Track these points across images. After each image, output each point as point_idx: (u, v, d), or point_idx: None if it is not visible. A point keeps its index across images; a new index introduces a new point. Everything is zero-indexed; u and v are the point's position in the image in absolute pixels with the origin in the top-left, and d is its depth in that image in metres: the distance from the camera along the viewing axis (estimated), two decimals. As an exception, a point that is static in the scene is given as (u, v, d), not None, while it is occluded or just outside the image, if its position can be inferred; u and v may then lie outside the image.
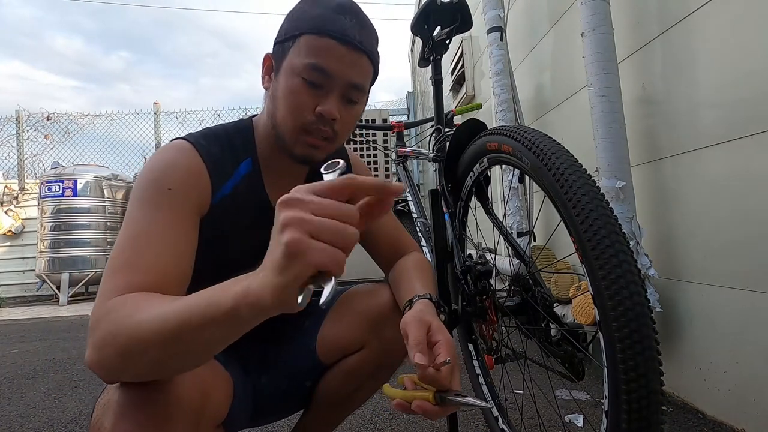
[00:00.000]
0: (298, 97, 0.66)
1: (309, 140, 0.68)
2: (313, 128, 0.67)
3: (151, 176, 0.63)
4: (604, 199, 0.61)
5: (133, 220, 0.60)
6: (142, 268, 0.55)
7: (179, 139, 0.70)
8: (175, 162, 0.65)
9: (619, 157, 1.27)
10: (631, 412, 0.53)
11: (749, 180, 1.02)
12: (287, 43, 0.67)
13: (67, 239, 4.85)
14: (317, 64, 0.64)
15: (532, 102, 2.15)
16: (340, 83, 0.66)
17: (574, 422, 1.21)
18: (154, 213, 0.60)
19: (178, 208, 0.62)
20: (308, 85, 0.65)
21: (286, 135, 0.68)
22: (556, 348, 0.79)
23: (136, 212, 0.60)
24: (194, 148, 0.68)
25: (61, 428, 1.37)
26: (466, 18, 1.14)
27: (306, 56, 0.65)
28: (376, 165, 4.27)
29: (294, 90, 0.66)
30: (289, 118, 0.67)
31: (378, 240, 0.88)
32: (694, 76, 1.16)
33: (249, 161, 0.73)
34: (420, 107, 5.54)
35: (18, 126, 5.83)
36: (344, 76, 0.66)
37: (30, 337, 2.97)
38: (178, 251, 0.59)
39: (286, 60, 0.67)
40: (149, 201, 0.61)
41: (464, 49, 3.01)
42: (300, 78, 0.65)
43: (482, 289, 0.91)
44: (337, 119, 0.67)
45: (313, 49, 0.65)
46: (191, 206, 0.64)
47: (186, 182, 0.64)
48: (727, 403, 1.10)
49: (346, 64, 0.65)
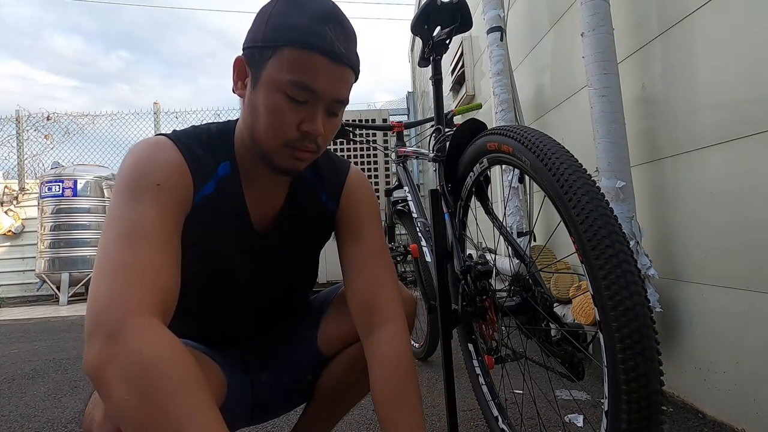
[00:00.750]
0: (281, 114, 0.63)
1: (295, 154, 0.66)
2: (297, 144, 0.65)
3: (135, 172, 0.61)
4: (604, 199, 0.61)
5: (120, 217, 0.57)
6: (137, 268, 0.53)
7: (160, 135, 0.68)
8: (158, 158, 0.63)
9: (619, 157, 1.27)
10: (631, 412, 0.53)
11: (749, 180, 1.02)
12: (266, 52, 0.62)
13: (67, 239, 4.85)
14: (304, 82, 0.61)
15: (532, 102, 2.15)
16: (326, 100, 0.64)
17: (574, 422, 1.21)
18: (142, 208, 0.58)
19: (167, 204, 0.60)
20: (292, 102, 0.62)
21: (268, 149, 0.66)
22: (556, 348, 0.79)
23: (122, 209, 0.58)
24: (175, 146, 0.66)
25: (61, 428, 1.37)
26: (466, 18, 1.14)
27: (289, 72, 0.61)
28: (376, 165, 4.27)
29: (277, 107, 0.63)
30: (271, 134, 0.64)
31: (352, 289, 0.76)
32: (694, 76, 1.17)
33: (227, 164, 0.70)
34: (420, 107, 5.54)
35: (18, 126, 5.83)
36: (331, 93, 0.64)
37: (30, 337, 2.97)
38: (171, 248, 0.58)
39: (266, 71, 0.62)
40: (138, 197, 0.59)
41: (464, 49, 3.01)
42: (283, 94, 0.62)
43: (482, 289, 0.91)
44: (321, 135, 0.65)
45: (298, 65, 0.61)
46: (178, 203, 0.62)
47: (171, 178, 0.62)
48: (727, 403, 1.10)
49: (333, 80, 0.63)
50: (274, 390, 0.83)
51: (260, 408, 0.83)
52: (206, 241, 0.69)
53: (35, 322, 3.69)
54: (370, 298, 0.75)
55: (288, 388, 0.85)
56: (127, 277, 0.53)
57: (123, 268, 0.53)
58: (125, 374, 0.47)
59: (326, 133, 0.66)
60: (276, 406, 0.87)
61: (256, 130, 0.66)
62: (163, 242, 0.57)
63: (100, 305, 0.51)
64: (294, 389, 0.86)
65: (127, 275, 0.53)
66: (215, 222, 0.69)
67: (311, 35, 0.60)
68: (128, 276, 0.53)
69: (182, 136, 0.68)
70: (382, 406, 0.68)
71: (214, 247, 0.70)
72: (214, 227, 0.69)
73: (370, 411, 1.36)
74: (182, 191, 0.64)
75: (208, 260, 0.70)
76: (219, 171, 0.70)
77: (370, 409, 1.37)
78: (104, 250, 0.55)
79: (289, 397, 0.87)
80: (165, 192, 0.60)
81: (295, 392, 0.86)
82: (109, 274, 0.53)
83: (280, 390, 0.84)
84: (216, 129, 0.73)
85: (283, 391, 0.84)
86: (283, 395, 0.85)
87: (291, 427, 0.94)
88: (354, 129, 1.74)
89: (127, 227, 0.56)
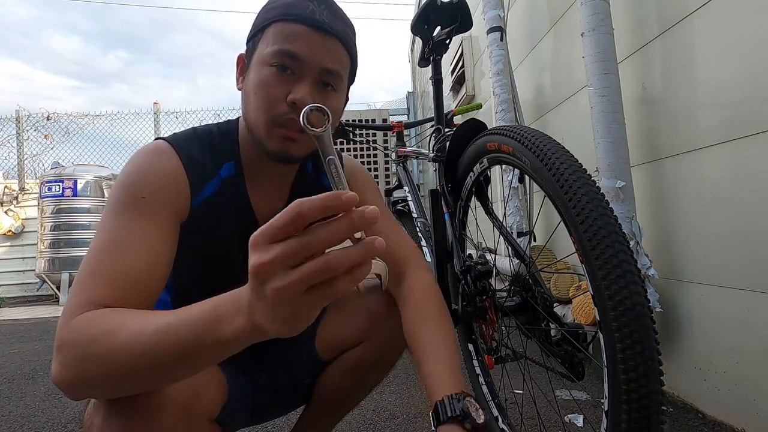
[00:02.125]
0: (268, 88, 0.62)
1: (282, 132, 0.63)
2: (286, 120, 0.62)
3: (125, 183, 0.61)
4: (604, 199, 0.61)
5: (103, 229, 0.58)
6: (107, 279, 0.53)
7: (159, 139, 0.68)
8: (151, 167, 0.63)
9: (619, 157, 1.27)
10: (631, 412, 0.53)
11: (749, 180, 1.02)
12: (256, 37, 0.65)
13: (67, 239, 4.85)
14: (285, 48, 0.61)
15: (532, 102, 2.15)
16: (311, 68, 0.62)
17: (574, 422, 1.21)
18: (124, 222, 0.58)
19: (152, 216, 0.60)
20: (278, 73, 0.62)
21: (259, 131, 0.64)
22: (556, 348, 0.79)
23: (107, 220, 0.59)
24: (173, 150, 0.65)
25: (61, 428, 1.37)
26: (466, 18, 1.14)
27: (273, 43, 0.62)
28: (376, 165, 4.27)
29: (263, 81, 0.62)
30: (260, 111, 0.63)
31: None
32: (694, 76, 1.16)
33: (231, 164, 0.70)
34: (420, 107, 5.54)
35: (18, 126, 5.82)
36: (315, 59, 0.62)
37: (30, 337, 2.96)
38: (149, 260, 0.57)
39: (256, 53, 0.64)
40: (122, 210, 0.59)
41: (464, 49, 3.01)
42: (268, 66, 0.62)
43: (482, 289, 0.91)
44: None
45: (280, 35, 0.62)
46: (167, 213, 0.62)
47: (161, 188, 0.62)
48: (727, 403, 1.10)
49: (315, 46, 0.62)
50: (273, 392, 0.83)
51: (259, 409, 0.83)
52: (208, 242, 0.69)
53: (35, 322, 3.68)
54: (392, 253, 0.77)
55: (286, 391, 0.85)
56: (94, 282, 0.53)
57: (93, 279, 0.53)
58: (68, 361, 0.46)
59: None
60: (275, 407, 0.87)
61: (248, 114, 0.66)
62: (142, 254, 0.56)
63: (66, 321, 0.49)
64: (292, 392, 0.86)
65: (95, 287, 0.52)
66: (218, 223, 0.69)
67: (292, 7, 0.62)
68: (95, 281, 0.53)
69: (182, 139, 0.68)
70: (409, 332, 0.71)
71: (216, 249, 0.70)
72: (217, 229, 0.69)
73: (370, 411, 1.36)
74: (174, 200, 0.63)
75: (210, 262, 0.70)
76: (222, 172, 0.70)
77: (370, 409, 1.37)
78: (83, 261, 0.55)
79: (287, 400, 0.87)
80: (151, 204, 0.60)
81: (294, 395, 0.86)
82: (79, 285, 0.53)
83: (278, 392, 0.84)
84: (218, 129, 0.73)
85: (281, 393, 0.84)
86: (281, 397, 0.85)
87: (291, 428, 0.94)
88: (354, 129, 1.74)
89: (107, 239, 0.57)
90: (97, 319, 0.48)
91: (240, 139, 0.72)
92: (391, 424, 1.27)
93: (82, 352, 0.46)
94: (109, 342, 0.45)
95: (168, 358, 0.44)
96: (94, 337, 0.46)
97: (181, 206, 0.64)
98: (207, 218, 0.67)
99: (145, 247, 0.57)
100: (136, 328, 0.45)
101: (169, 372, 0.47)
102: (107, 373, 0.46)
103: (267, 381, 0.82)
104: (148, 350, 0.44)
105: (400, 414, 1.33)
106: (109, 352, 0.45)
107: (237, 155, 0.71)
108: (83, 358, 0.46)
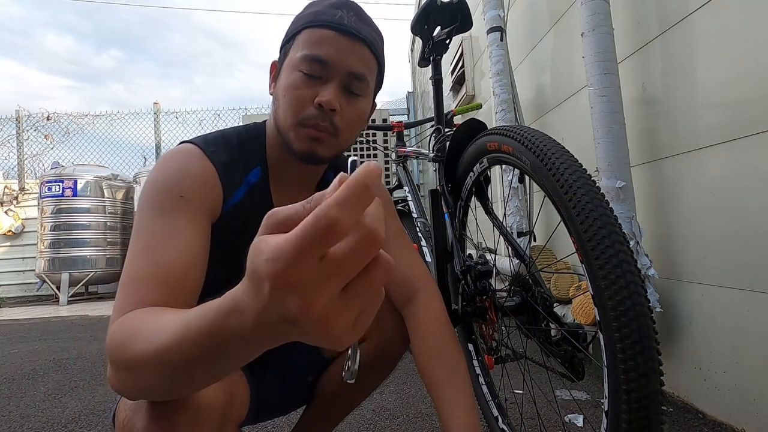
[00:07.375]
0: (296, 90, 0.65)
1: (308, 132, 0.65)
2: (312, 121, 0.64)
3: (161, 183, 0.61)
4: (604, 199, 0.61)
5: (143, 230, 0.58)
6: (154, 279, 0.53)
7: (187, 142, 0.68)
8: (186, 168, 0.63)
9: (619, 157, 1.27)
10: (631, 412, 0.53)
11: (749, 180, 1.02)
12: (288, 44, 0.68)
13: (67, 239, 4.85)
14: (313, 53, 0.63)
15: (532, 102, 2.15)
16: (338, 71, 0.64)
17: (574, 422, 1.21)
18: (166, 221, 0.58)
19: (192, 215, 0.60)
20: (306, 77, 0.64)
21: (287, 131, 0.66)
22: (556, 348, 0.79)
23: (146, 221, 0.58)
24: (204, 154, 0.66)
25: (61, 428, 1.37)
26: (466, 18, 1.14)
27: (302, 49, 0.64)
28: (376, 165, 4.26)
29: (292, 84, 0.65)
30: (289, 113, 0.65)
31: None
32: (694, 76, 1.16)
33: (258, 170, 0.71)
34: (420, 107, 5.54)
35: (18, 126, 5.83)
36: (341, 63, 0.64)
37: (30, 337, 2.97)
38: (193, 259, 0.57)
39: (287, 59, 0.67)
40: (161, 209, 0.59)
41: (464, 49, 3.01)
42: (298, 71, 0.64)
43: (482, 289, 0.91)
44: (336, 110, 0.64)
45: (309, 41, 0.64)
46: (204, 214, 0.62)
47: (198, 189, 0.62)
48: (727, 403, 1.10)
49: (342, 50, 0.64)
50: (276, 390, 0.83)
51: (263, 407, 0.83)
52: (231, 248, 0.68)
53: (35, 322, 3.68)
54: (403, 273, 0.79)
55: (289, 389, 0.85)
56: (140, 283, 0.52)
57: (140, 280, 0.53)
58: (112, 366, 0.45)
59: (345, 112, 0.66)
60: (278, 406, 0.87)
61: (278, 116, 0.68)
62: (184, 254, 0.56)
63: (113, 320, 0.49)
64: (295, 390, 0.86)
65: (142, 287, 0.52)
66: (243, 230, 0.68)
67: (321, 15, 0.65)
68: (141, 282, 0.52)
69: (211, 143, 0.68)
70: (422, 366, 0.73)
71: (238, 254, 0.70)
72: (242, 235, 0.68)
73: (370, 411, 1.36)
74: (209, 201, 0.64)
75: (230, 267, 0.70)
76: (250, 177, 0.70)
77: (370, 409, 1.37)
78: (126, 263, 0.55)
79: (290, 398, 0.87)
80: (189, 203, 0.60)
81: (297, 393, 0.86)
82: (126, 286, 0.52)
83: (281, 390, 0.84)
84: (246, 133, 0.73)
85: (285, 391, 0.84)
86: (284, 395, 0.85)
87: (291, 428, 0.94)
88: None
89: (149, 240, 0.56)
90: (126, 322, 0.47)
91: (267, 141, 0.73)
92: (391, 424, 1.27)
93: (116, 358, 0.45)
94: (133, 346, 0.44)
95: (193, 351, 0.40)
96: (126, 337, 0.45)
97: (214, 208, 0.65)
98: (234, 223, 0.67)
99: (190, 245, 0.57)
100: (162, 324, 0.44)
101: (203, 368, 0.42)
102: (142, 376, 0.44)
103: (272, 378, 0.82)
104: (171, 346, 0.41)
105: (400, 414, 1.33)
106: (134, 355, 0.43)
107: (264, 159, 0.72)
108: (118, 364, 0.45)
